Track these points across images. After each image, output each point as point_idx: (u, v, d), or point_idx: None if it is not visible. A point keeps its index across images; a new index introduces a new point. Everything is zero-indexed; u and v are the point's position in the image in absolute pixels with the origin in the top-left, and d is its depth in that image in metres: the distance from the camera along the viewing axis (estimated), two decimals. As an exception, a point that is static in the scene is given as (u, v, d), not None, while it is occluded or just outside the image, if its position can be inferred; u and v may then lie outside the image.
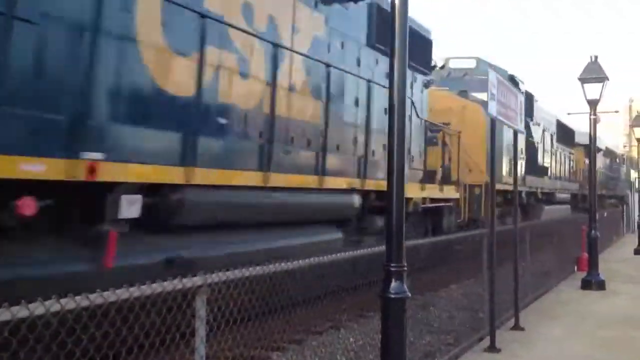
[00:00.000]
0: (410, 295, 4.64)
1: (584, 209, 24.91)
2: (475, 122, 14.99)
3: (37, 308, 2.70)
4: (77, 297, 2.87)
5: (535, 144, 19.97)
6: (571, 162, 26.61)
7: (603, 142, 30.48)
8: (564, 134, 24.88)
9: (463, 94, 16.33)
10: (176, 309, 3.62)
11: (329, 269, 5.78)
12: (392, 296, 4.53)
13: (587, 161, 28.11)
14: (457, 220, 13.77)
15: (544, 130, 21.30)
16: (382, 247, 4.78)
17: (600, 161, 29.89)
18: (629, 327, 8.74)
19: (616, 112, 40.14)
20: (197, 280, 3.32)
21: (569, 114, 28.57)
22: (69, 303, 2.83)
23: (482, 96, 15.94)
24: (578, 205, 26.28)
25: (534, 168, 19.26)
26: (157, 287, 3.10)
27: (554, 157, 23.15)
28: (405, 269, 4.62)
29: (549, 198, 21.69)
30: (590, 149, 14.08)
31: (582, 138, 26.65)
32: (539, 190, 19.71)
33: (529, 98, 18.24)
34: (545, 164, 21.29)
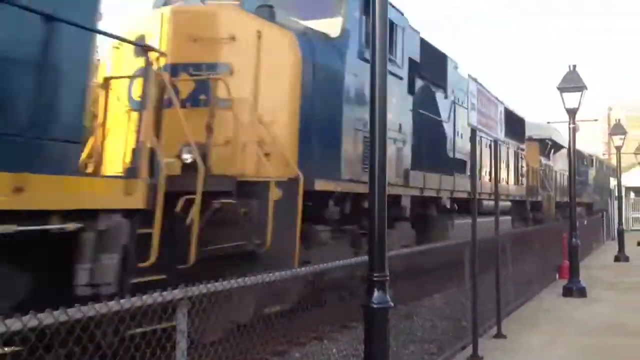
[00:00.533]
0: (393, 305, 4.63)
1: (535, 220, 21.52)
2: (277, 64, 7.88)
3: (14, 324, 2.66)
4: (56, 312, 2.83)
5: (442, 124, 12.79)
6: (519, 160, 19.83)
7: (563, 137, 24.22)
8: (508, 122, 16.02)
9: (263, 12, 8.31)
10: (157, 322, 3.58)
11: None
12: (375, 306, 4.53)
13: (543, 160, 24.46)
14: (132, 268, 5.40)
15: (463, 107, 12.45)
16: (365, 257, 4.77)
17: (562, 162, 27.15)
18: (610, 335, 8.79)
19: (595, 120, 40.50)
20: (178, 293, 3.29)
21: (548, 122, 28.54)
22: (47, 318, 2.79)
23: (311, 24, 8.84)
24: (526, 216, 20.72)
25: (434, 160, 12.08)
26: (136, 301, 3.07)
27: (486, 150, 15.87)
28: (388, 278, 4.63)
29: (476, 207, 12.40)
30: (569, 156, 14.15)
31: (536, 131, 23.36)
32: (445, 196, 12.53)
33: (427, 49, 11.93)
34: (461, 157, 13.91)
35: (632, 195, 41.03)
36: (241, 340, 5.51)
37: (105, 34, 5.72)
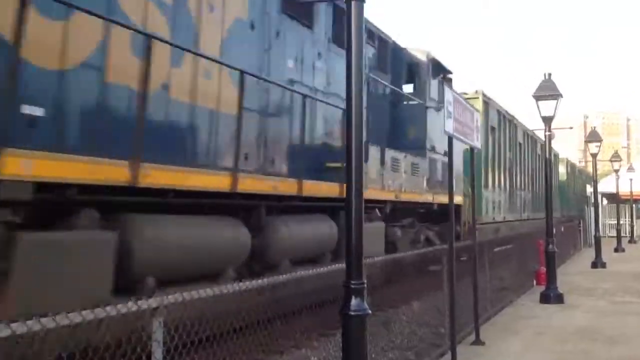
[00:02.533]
0: (370, 312, 4.64)
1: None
2: None
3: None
4: (29, 322, 2.80)
5: None
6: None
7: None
8: None
9: None
10: (132, 331, 3.55)
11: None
12: (353, 313, 4.54)
13: None
14: None
15: None
16: (342, 265, 4.78)
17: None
18: (587, 340, 8.87)
19: (570, 128, 40.89)
20: (153, 302, 3.27)
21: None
22: (19, 327, 2.76)
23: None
24: None
25: None
26: (111, 310, 3.04)
27: None
28: (365, 285, 4.63)
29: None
30: (546, 167, 14.23)
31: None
32: None
33: None
34: None
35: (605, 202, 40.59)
36: (217, 349, 5.49)
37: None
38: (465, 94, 16.71)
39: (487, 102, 19.45)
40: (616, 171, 31.10)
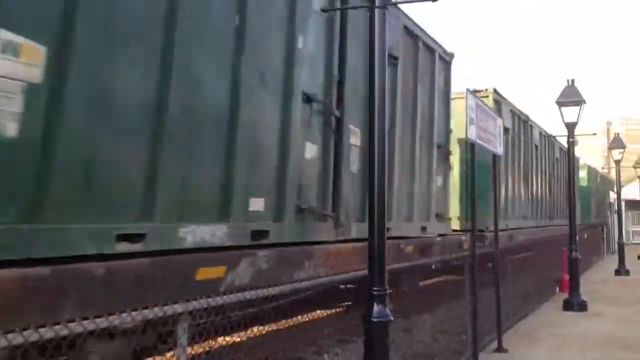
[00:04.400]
0: (392, 318, 4.64)
1: None
2: None
3: (16, 338, 2.66)
4: (56, 327, 2.83)
5: None
6: None
7: None
8: None
9: None
10: (156, 337, 3.58)
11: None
12: (375, 320, 4.55)
13: None
14: None
15: None
16: (365, 272, 4.79)
17: None
18: (611, 348, 8.77)
19: (594, 134, 40.37)
20: (178, 307, 3.29)
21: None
22: (47, 332, 2.80)
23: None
24: None
25: None
26: (136, 315, 3.07)
27: None
28: (388, 292, 4.64)
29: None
30: (569, 170, 14.14)
31: None
32: None
33: None
34: None
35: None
36: (240, 355, 5.50)
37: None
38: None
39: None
40: (640, 177, 30.69)
